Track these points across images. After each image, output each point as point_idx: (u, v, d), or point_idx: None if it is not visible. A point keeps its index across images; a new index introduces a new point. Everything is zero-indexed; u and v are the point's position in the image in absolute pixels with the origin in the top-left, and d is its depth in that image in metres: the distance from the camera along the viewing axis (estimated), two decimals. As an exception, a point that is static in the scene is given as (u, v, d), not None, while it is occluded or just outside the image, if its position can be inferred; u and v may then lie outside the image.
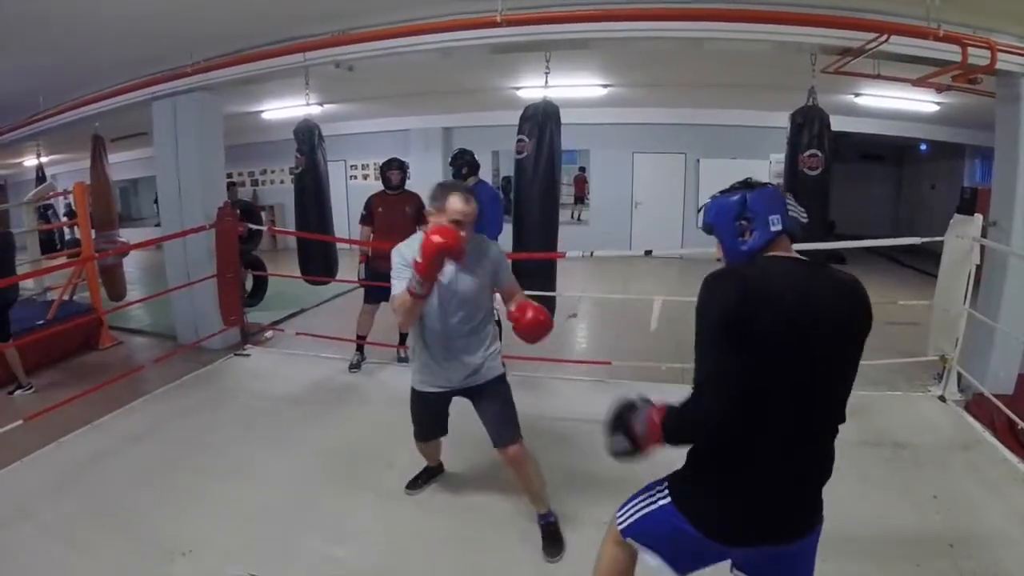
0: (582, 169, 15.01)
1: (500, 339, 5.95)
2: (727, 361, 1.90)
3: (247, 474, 4.26)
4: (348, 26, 5.75)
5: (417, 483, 4.14)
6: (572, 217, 15.54)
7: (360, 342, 6.36)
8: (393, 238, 6.10)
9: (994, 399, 5.03)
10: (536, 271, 5.69)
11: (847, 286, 2.01)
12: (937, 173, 15.62)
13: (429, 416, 3.74)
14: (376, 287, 6.21)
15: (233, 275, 6.61)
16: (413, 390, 3.64)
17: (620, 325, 7.93)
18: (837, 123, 12.21)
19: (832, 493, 3.32)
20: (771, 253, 2.06)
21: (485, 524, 3.76)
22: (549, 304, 5.76)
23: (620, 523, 2.30)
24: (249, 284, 8.43)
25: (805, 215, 2.16)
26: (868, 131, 12.87)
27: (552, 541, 3.50)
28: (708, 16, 5.11)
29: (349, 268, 6.73)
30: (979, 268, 5.45)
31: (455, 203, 3.10)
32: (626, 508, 2.31)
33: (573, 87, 9.46)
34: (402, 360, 6.53)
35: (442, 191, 3.17)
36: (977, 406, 5.31)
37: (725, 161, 13.07)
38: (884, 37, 4.92)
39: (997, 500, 4.02)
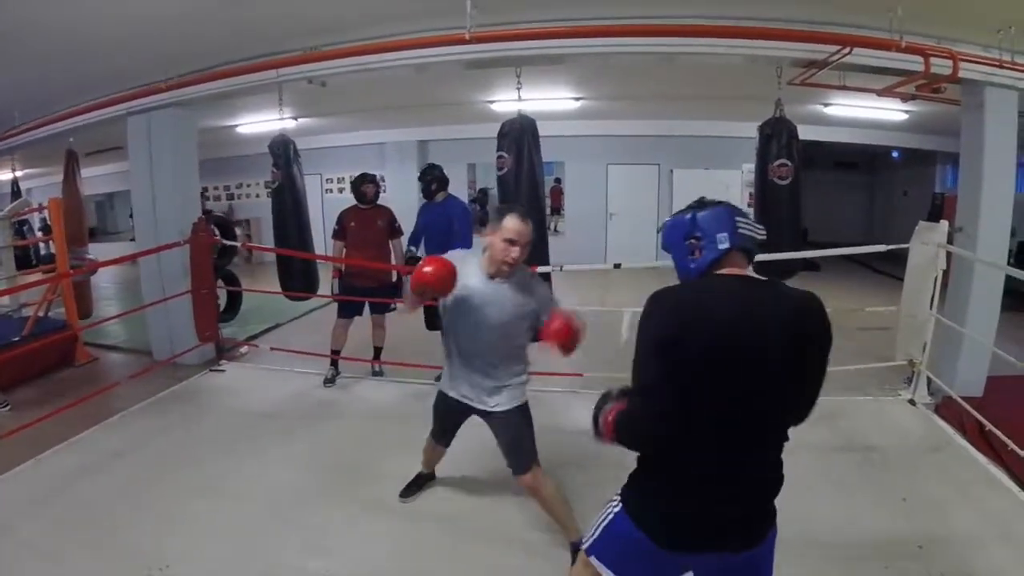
0: (558, 180, 15.04)
1: None
2: (659, 376, 1.96)
3: (223, 489, 4.26)
4: (320, 43, 5.77)
5: (411, 491, 4.18)
6: (549, 228, 15.54)
7: (334, 357, 6.36)
8: (366, 253, 6.19)
9: (963, 402, 5.11)
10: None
11: (795, 302, 2.04)
12: (909, 180, 15.88)
13: (440, 418, 3.81)
14: (350, 302, 6.25)
15: (208, 290, 6.61)
16: (439, 389, 3.68)
17: (592, 337, 7.92)
18: (809, 132, 12.43)
19: (801, 497, 3.38)
20: (721, 271, 2.10)
21: (467, 535, 3.79)
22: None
23: (585, 542, 2.33)
24: (224, 299, 8.41)
25: (762, 231, 2.18)
26: (840, 140, 13.04)
27: None
28: (678, 32, 5.20)
29: (326, 282, 6.74)
30: (946, 273, 5.55)
31: (510, 222, 3.14)
32: (591, 524, 2.32)
33: (546, 100, 9.51)
34: (376, 374, 6.57)
35: (500, 212, 3.23)
36: (947, 409, 5.40)
37: (698, 171, 13.31)
38: (847, 49, 5.02)
39: (967, 501, 4.09)
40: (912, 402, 5.57)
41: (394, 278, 6.33)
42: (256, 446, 4.94)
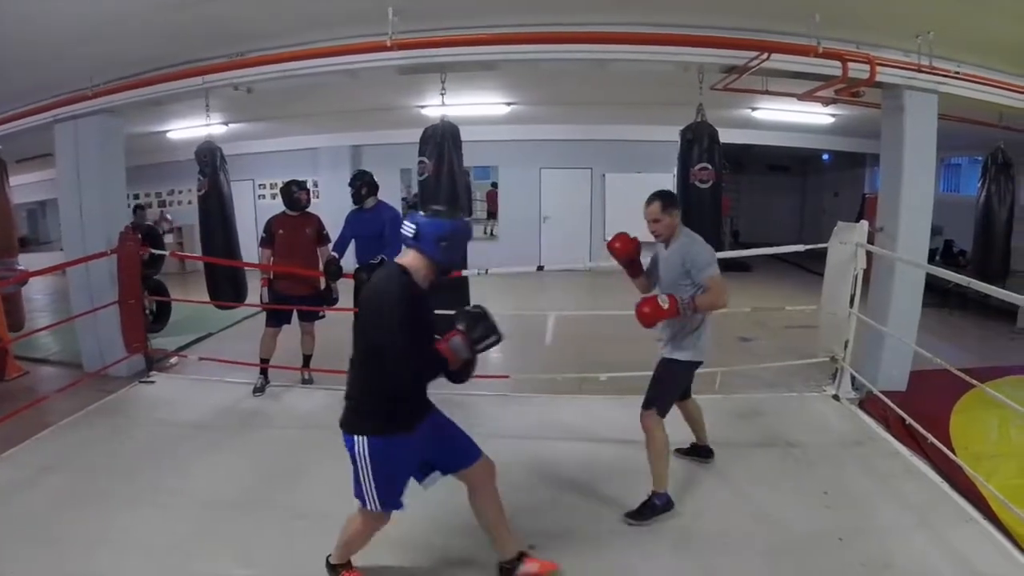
0: (494, 185, 15.07)
1: None
2: None
3: (153, 501, 4.20)
4: (246, 49, 5.73)
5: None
6: (485, 232, 15.57)
7: (263, 366, 6.28)
8: (294, 260, 6.13)
9: (884, 397, 5.25)
10: (448, 288, 5.75)
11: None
12: (840, 182, 16.29)
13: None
14: (278, 310, 6.19)
15: (135, 300, 6.48)
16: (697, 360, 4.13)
17: (518, 339, 8.03)
18: (739, 136, 12.66)
19: (721, 493, 3.46)
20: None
21: (380, 547, 3.74)
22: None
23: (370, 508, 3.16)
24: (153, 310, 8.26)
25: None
26: (770, 143, 13.40)
27: None
28: (602, 39, 5.29)
29: (256, 290, 6.66)
30: (869, 272, 5.70)
31: (645, 208, 4.00)
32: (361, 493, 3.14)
33: (476, 105, 9.58)
34: (306, 382, 6.51)
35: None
36: (870, 404, 5.54)
37: (630, 175, 13.47)
38: (765, 55, 5.14)
39: (888, 493, 4.22)
40: (836, 398, 5.70)
41: (322, 285, 6.28)
42: (186, 457, 4.87)
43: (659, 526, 3.85)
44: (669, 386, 4.05)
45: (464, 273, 5.66)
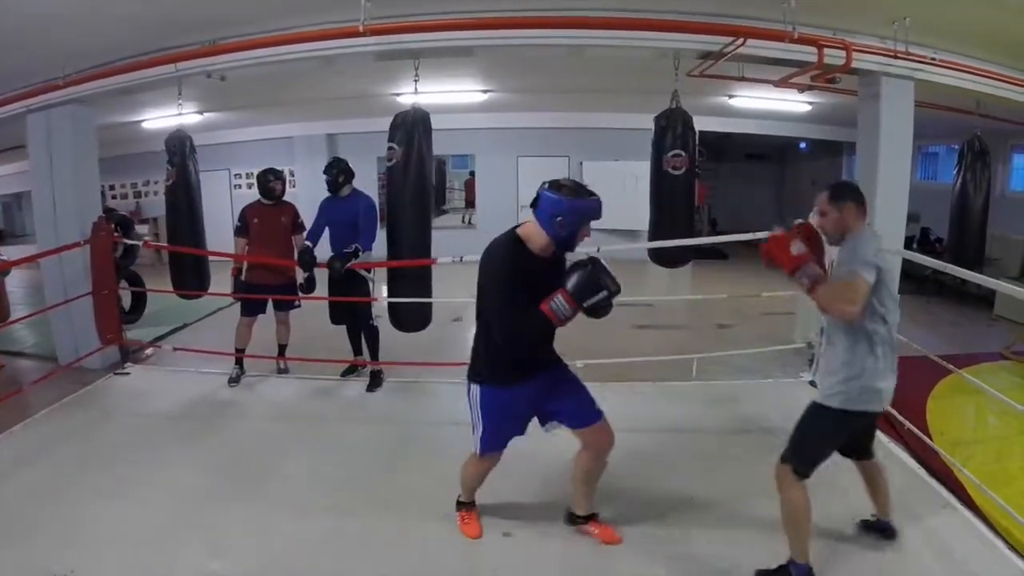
0: (472, 174, 15.02)
1: (377, 342, 5.96)
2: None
3: (128, 494, 4.18)
4: (219, 36, 5.65)
5: None
6: (464, 221, 15.49)
7: (239, 355, 6.24)
8: (270, 249, 6.08)
9: (858, 383, 5.27)
10: (412, 277, 5.75)
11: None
12: (817, 170, 16.32)
13: None
14: (253, 300, 6.15)
15: (109, 292, 6.41)
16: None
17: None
18: (717, 124, 12.67)
19: (697, 478, 3.46)
20: None
21: (357, 528, 3.82)
22: (424, 311, 5.83)
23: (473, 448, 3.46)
24: (128, 300, 8.18)
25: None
26: (749, 131, 13.45)
27: None
28: (573, 24, 5.25)
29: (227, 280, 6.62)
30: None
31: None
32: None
33: (452, 93, 9.54)
34: (281, 372, 6.50)
35: None
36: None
37: (608, 163, 13.39)
38: (741, 41, 5.12)
39: (862, 478, 4.23)
40: (813, 384, 5.72)
41: (298, 275, 6.22)
42: (161, 449, 4.85)
43: (628, 507, 3.87)
44: (810, 437, 3.29)
45: (440, 260, 5.63)
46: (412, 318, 5.88)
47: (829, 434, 3.27)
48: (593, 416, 3.42)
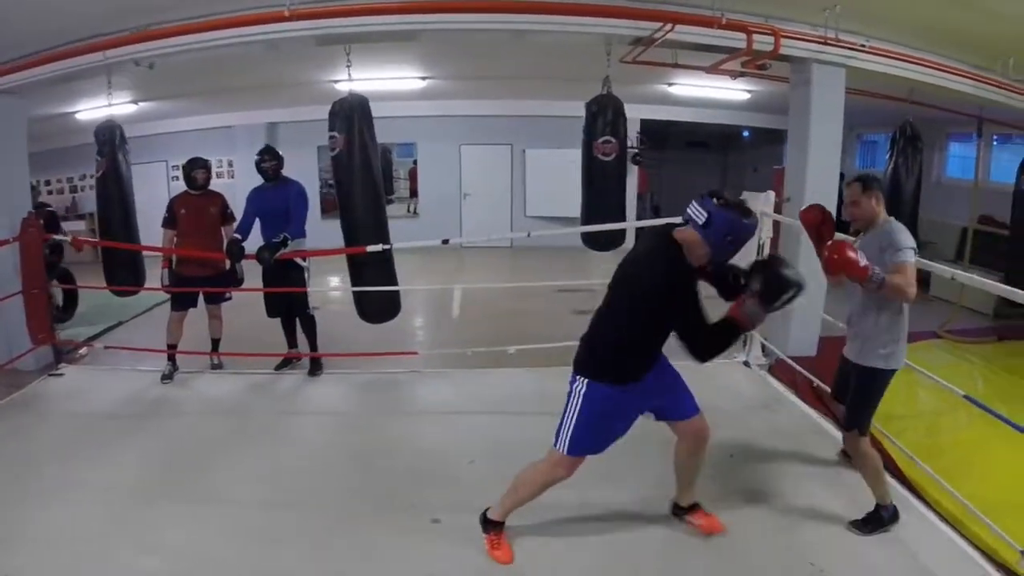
0: (416, 162, 14.94)
1: (315, 331, 5.88)
2: None
3: (62, 496, 4.09)
4: (148, 22, 5.53)
5: None
6: (409, 211, 15.38)
7: (171, 351, 6.09)
8: (198, 240, 5.98)
9: (792, 362, 5.39)
10: (372, 264, 5.72)
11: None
12: (759, 158, 16.54)
13: None
14: (183, 293, 6.04)
15: (39, 290, 6.24)
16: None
17: (426, 314, 8.32)
18: (658, 112, 12.76)
19: (628, 459, 3.51)
20: None
21: (290, 525, 3.78)
22: (389, 299, 5.81)
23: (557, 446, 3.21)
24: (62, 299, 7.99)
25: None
26: (689, 119, 13.59)
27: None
28: (514, 9, 5.28)
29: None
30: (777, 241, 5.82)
31: (846, 189, 3.65)
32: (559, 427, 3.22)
33: (390, 80, 9.51)
34: (215, 367, 6.37)
35: None
36: (780, 370, 5.69)
37: (551, 151, 13.29)
38: (670, 26, 5.18)
39: (795, 453, 4.41)
40: (747, 364, 5.83)
41: (227, 266, 6.11)
42: (95, 449, 4.75)
43: (568, 492, 3.89)
44: (870, 400, 3.62)
45: (369, 249, 5.59)
46: (375, 308, 5.88)
47: (881, 392, 3.61)
48: (691, 409, 3.44)
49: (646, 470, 4.05)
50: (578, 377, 3.20)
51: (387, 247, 5.59)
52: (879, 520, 3.53)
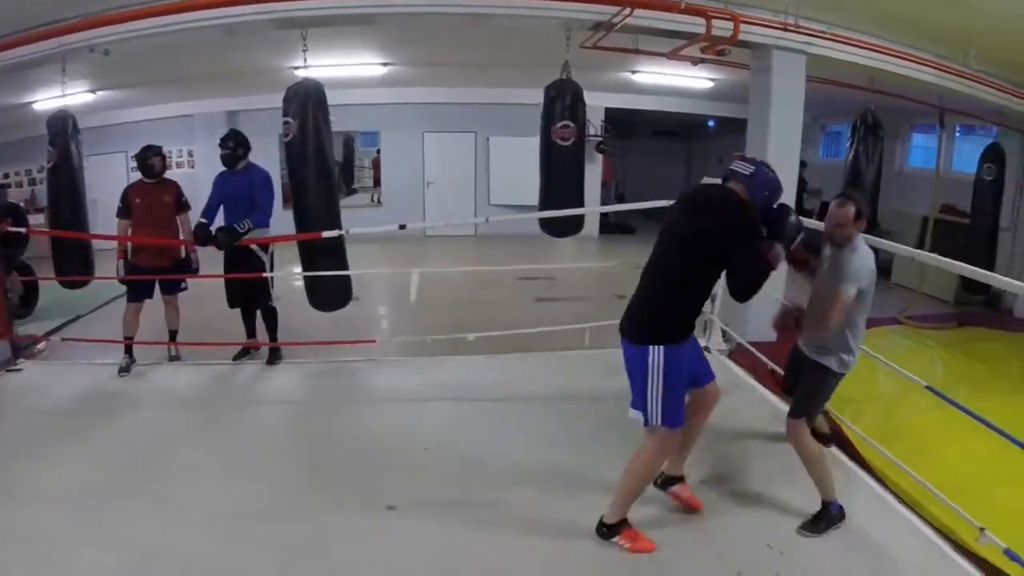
0: (380, 151, 14.87)
1: (276, 323, 5.84)
2: None
3: (21, 494, 4.01)
4: (102, 8, 5.41)
5: None
6: (373, 200, 15.27)
7: (127, 343, 5.94)
8: (154, 230, 5.88)
9: (751, 347, 5.42)
10: (324, 253, 5.66)
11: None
12: (723, 147, 16.54)
13: None
14: (139, 284, 5.93)
15: (-4, 284, 6.12)
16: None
17: (384, 300, 8.44)
18: (623, 100, 12.73)
19: (589, 447, 3.51)
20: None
21: (248, 515, 3.75)
22: (339, 285, 5.77)
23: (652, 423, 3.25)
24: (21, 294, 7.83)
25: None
26: (653, 107, 13.63)
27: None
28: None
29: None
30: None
31: (837, 208, 3.57)
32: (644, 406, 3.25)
33: (350, 66, 9.43)
34: (173, 358, 6.25)
35: None
36: (740, 355, 5.72)
37: (515, 138, 13.16)
38: (628, 11, 5.16)
39: (753, 437, 4.47)
40: (707, 350, 5.83)
41: (183, 255, 6.03)
42: (54, 445, 4.64)
43: (525, 478, 3.90)
44: (820, 395, 3.73)
45: (325, 234, 5.53)
46: (328, 295, 5.83)
47: (831, 389, 3.73)
48: (712, 373, 3.64)
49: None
50: (650, 348, 3.19)
51: (341, 232, 5.53)
52: (829, 517, 3.53)
